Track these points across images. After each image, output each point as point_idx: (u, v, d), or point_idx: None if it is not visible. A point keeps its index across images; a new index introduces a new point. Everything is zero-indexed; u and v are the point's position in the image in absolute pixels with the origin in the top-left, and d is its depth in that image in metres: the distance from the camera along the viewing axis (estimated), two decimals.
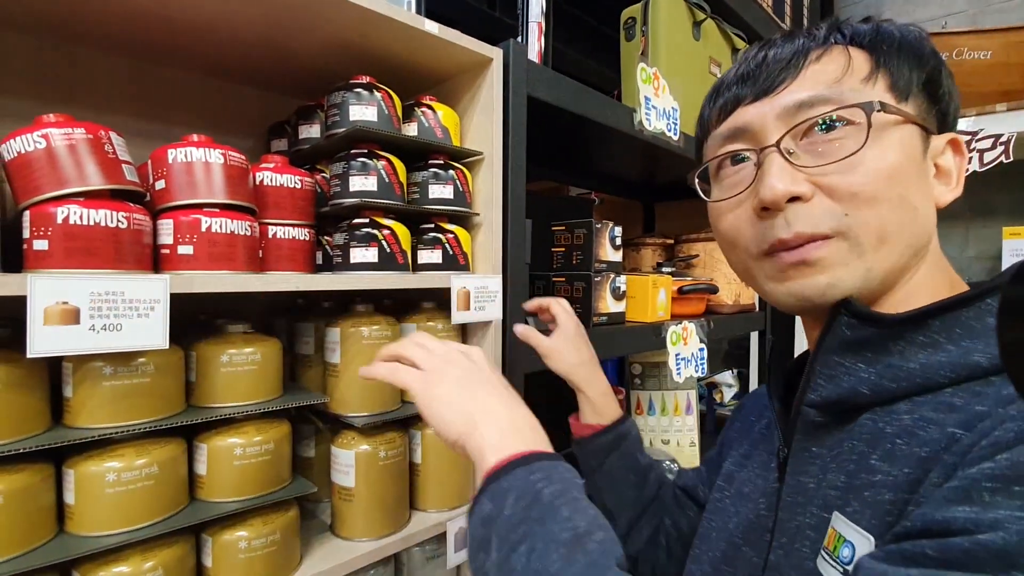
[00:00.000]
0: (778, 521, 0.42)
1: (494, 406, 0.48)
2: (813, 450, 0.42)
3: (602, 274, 1.13)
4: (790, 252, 0.42)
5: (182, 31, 0.75)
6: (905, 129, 0.41)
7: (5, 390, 0.51)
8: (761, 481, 0.48)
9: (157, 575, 0.56)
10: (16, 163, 0.54)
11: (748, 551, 0.45)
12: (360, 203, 0.73)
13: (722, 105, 0.49)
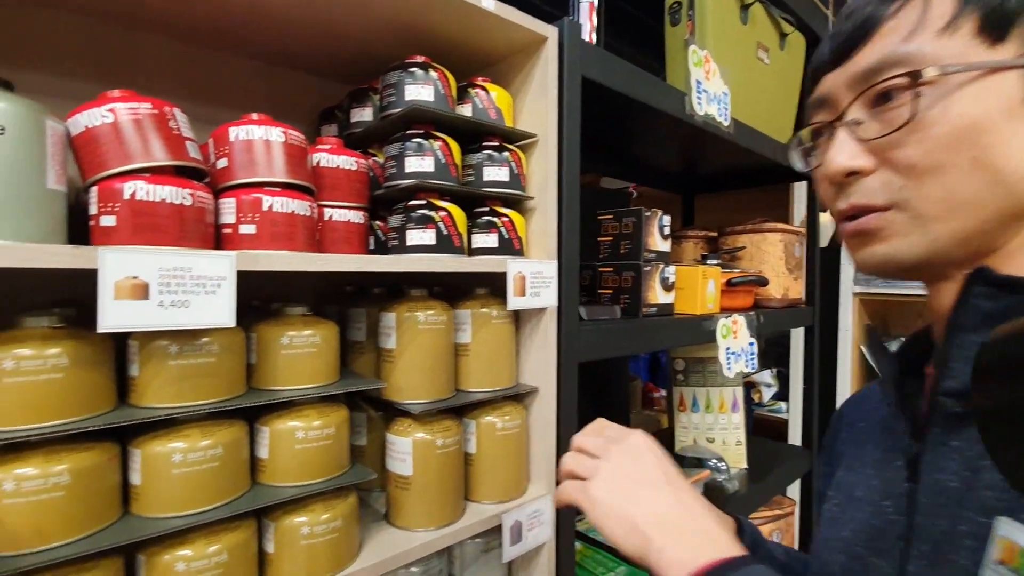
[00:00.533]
0: (915, 526, 0.38)
1: (662, 507, 0.42)
2: (953, 444, 0.37)
3: (651, 263, 1.09)
4: (849, 222, 0.41)
5: (237, 13, 0.75)
6: (988, 81, 0.36)
7: (74, 367, 0.50)
8: (879, 482, 0.43)
9: (222, 559, 0.54)
10: (83, 138, 0.53)
11: (877, 561, 0.40)
12: (417, 184, 0.71)
13: (812, 72, 0.46)
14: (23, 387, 0.47)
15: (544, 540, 0.83)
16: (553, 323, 0.83)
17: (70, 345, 0.50)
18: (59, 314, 0.52)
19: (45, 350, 0.49)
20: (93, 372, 0.52)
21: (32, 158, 0.48)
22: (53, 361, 0.49)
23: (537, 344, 0.85)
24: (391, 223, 0.74)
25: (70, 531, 0.49)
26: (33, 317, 0.51)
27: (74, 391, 0.50)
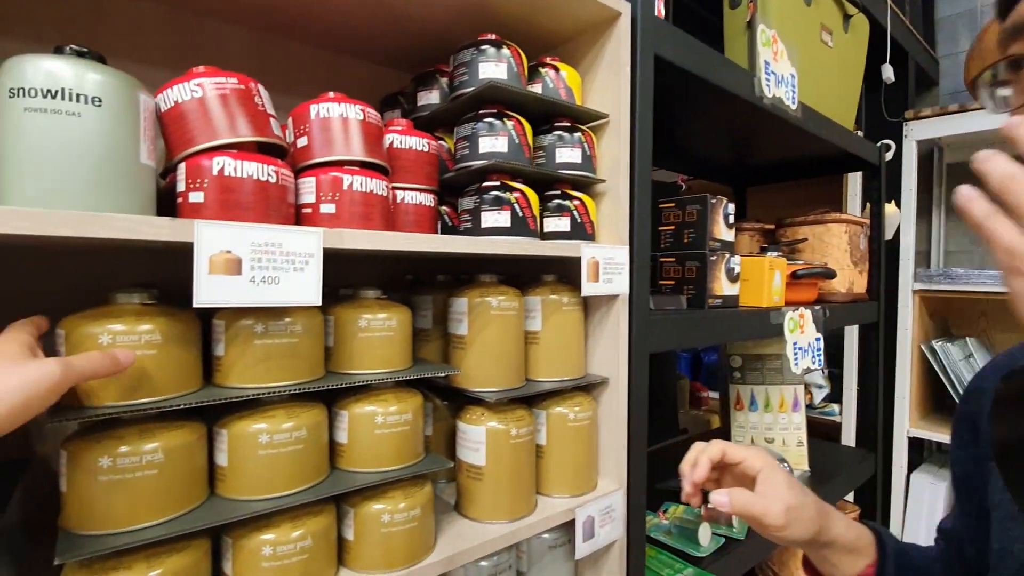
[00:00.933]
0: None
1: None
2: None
3: (717, 253, 1.05)
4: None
5: (309, 3, 0.74)
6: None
7: (166, 344, 0.49)
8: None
9: (306, 544, 0.53)
10: (172, 113, 0.53)
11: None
12: (492, 164, 0.69)
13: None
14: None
15: (616, 537, 0.80)
16: (624, 311, 0.80)
17: (162, 322, 0.49)
18: (150, 291, 0.51)
19: (138, 326, 0.48)
20: (183, 350, 0.51)
21: (127, 131, 0.47)
22: (147, 337, 0.48)
23: (607, 333, 0.82)
24: (463, 205, 0.72)
25: (164, 510, 0.48)
26: (124, 294, 0.50)
27: (166, 369, 0.50)
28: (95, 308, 0.49)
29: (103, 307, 0.49)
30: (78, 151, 0.44)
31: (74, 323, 0.47)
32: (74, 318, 0.47)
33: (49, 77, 0.44)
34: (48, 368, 0.38)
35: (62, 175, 0.44)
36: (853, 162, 1.58)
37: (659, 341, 0.85)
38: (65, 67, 0.44)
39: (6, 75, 0.44)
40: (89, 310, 0.48)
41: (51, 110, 0.44)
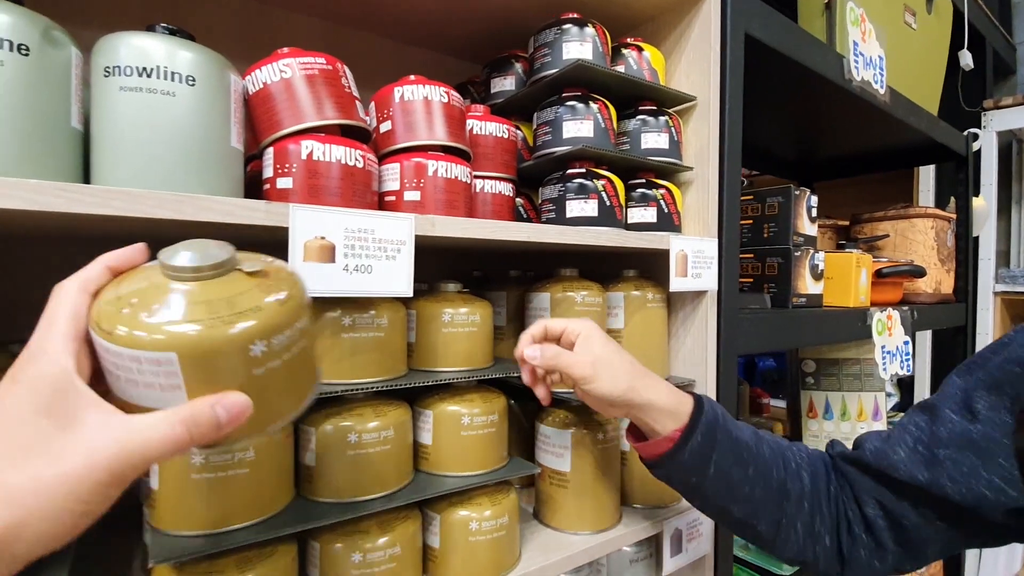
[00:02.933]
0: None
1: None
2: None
3: (801, 249, 0.98)
4: None
5: None
6: None
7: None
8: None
9: (395, 551, 0.50)
10: (260, 95, 0.51)
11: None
12: (578, 150, 0.65)
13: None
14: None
15: (704, 552, 0.74)
16: (713, 309, 0.74)
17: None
18: None
19: None
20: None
21: (219, 113, 0.45)
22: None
23: (693, 332, 0.76)
24: (545, 194, 0.68)
25: (253, 512, 0.45)
26: None
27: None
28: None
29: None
30: (172, 132, 0.42)
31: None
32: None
33: (142, 54, 0.42)
34: (167, 429, 0.24)
35: (156, 156, 0.42)
36: (935, 153, 1.47)
37: (747, 342, 0.79)
38: (158, 44, 0.42)
39: (100, 54, 0.42)
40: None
41: (146, 89, 0.42)
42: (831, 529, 0.51)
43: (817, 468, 0.54)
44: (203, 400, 0.25)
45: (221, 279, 0.27)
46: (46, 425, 0.23)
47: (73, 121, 0.41)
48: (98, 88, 0.42)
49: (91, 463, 0.22)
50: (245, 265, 0.28)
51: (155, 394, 0.25)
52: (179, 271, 0.26)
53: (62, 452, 0.22)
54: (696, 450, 0.51)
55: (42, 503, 0.22)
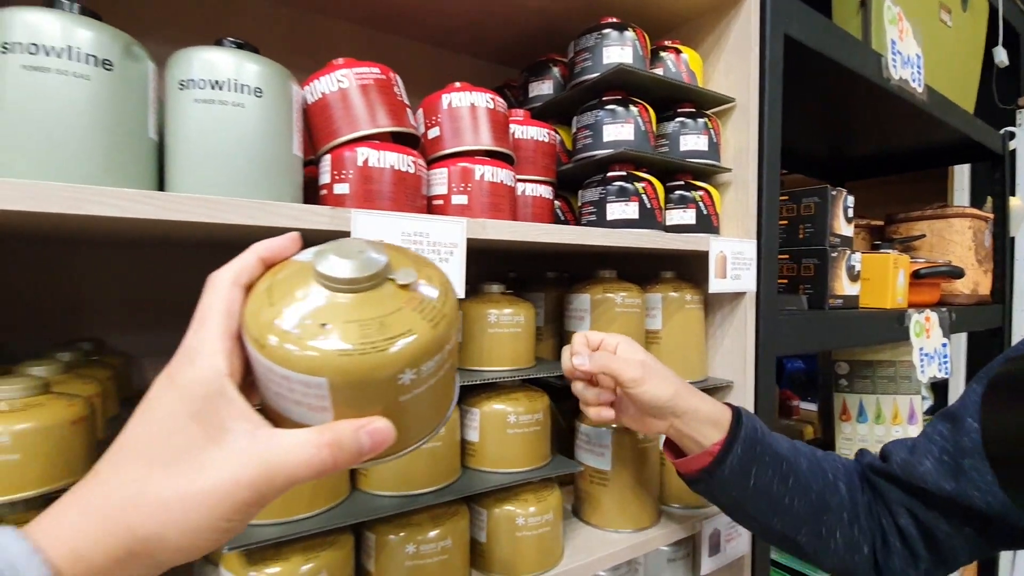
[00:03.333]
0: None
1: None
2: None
3: (838, 250, 0.97)
4: None
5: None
6: None
7: None
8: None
9: (446, 544, 0.51)
10: (318, 105, 0.53)
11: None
12: (620, 153, 0.66)
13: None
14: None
15: (742, 553, 0.74)
16: (751, 310, 0.74)
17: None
18: None
19: None
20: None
21: (283, 122, 0.47)
22: None
23: (731, 333, 0.76)
24: (585, 197, 0.69)
25: (316, 504, 0.47)
26: None
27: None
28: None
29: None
30: (241, 141, 0.44)
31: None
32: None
33: (213, 68, 0.44)
34: (313, 451, 0.24)
35: (226, 164, 0.44)
36: (971, 151, 1.44)
37: (785, 343, 0.79)
38: (227, 58, 0.45)
39: (175, 67, 0.44)
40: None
41: (217, 101, 0.44)
42: (868, 539, 0.51)
43: (852, 479, 0.54)
44: (349, 424, 0.24)
45: (375, 291, 0.26)
46: (196, 432, 0.23)
47: (150, 131, 0.44)
48: (173, 100, 0.44)
49: (236, 480, 0.22)
50: (399, 275, 0.26)
51: (302, 410, 0.25)
52: (333, 282, 0.25)
53: (210, 465, 0.22)
54: (736, 465, 0.50)
55: (187, 516, 0.22)
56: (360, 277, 0.25)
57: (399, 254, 0.29)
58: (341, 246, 0.27)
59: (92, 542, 0.21)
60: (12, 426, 0.37)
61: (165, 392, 0.24)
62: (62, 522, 0.22)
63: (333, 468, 0.24)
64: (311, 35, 0.80)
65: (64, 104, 0.38)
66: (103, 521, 0.22)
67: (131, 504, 0.22)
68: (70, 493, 0.23)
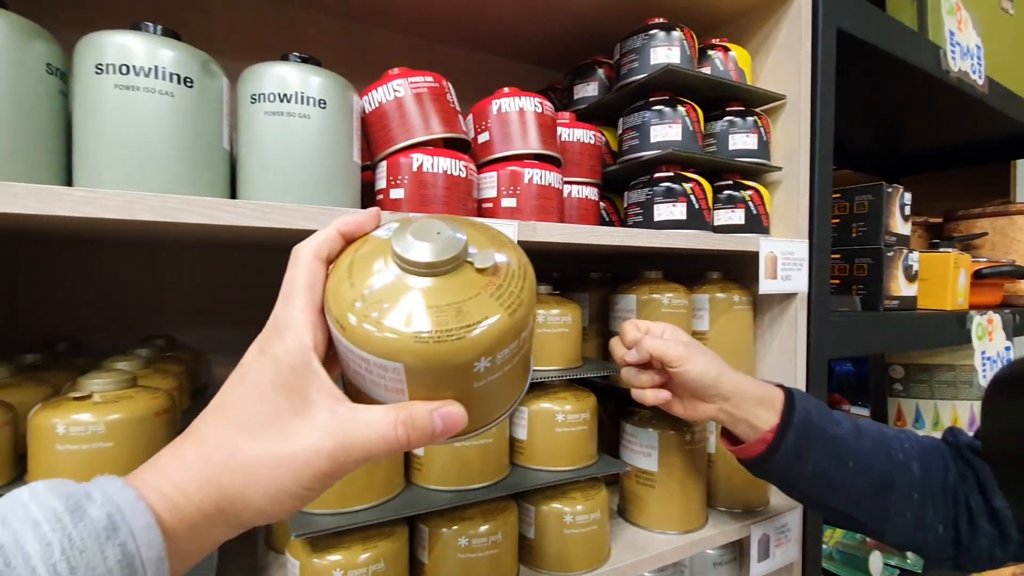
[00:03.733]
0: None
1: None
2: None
3: (894, 249, 0.93)
4: None
5: (466, 4, 0.75)
6: None
7: None
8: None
9: (496, 538, 0.53)
10: (376, 114, 0.55)
11: None
12: (667, 154, 0.65)
13: None
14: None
15: (792, 559, 0.73)
16: (803, 312, 0.73)
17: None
18: None
19: None
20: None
21: (345, 131, 0.49)
22: None
23: (780, 335, 0.75)
24: (631, 198, 0.69)
25: (372, 496, 0.49)
26: None
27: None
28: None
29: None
30: (307, 150, 0.47)
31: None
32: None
33: (281, 82, 0.47)
34: (388, 429, 0.24)
35: (294, 173, 0.47)
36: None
37: (838, 346, 0.77)
38: (294, 72, 0.47)
39: (247, 82, 0.47)
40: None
41: (285, 113, 0.46)
42: (945, 518, 0.51)
43: (931, 459, 0.54)
44: (424, 406, 0.25)
45: (453, 274, 0.25)
46: (282, 403, 0.24)
47: (224, 143, 0.47)
48: (245, 113, 0.47)
49: (317, 451, 0.23)
50: (477, 258, 0.26)
51: (379, 389, 0.26)
52: (412, 265, 0.25)
53: (295, 434, 0.24)
54: (791, 450, 0.51)
55: (271, 479, 0.23)
56: (438, 261, 0.25)
57: (478, 233, 0.29)
58: (420, 226, 0.26)
59: (188, 497, 0.23)
60: (106, 416, 0.41)
61: (256, 362, 0.25)
62: (162, 475, 0.24)
63: (406, 446, 0.25)
64: (365, 45, 0.83)
65: (151, 119, 0.42)
66: (199, 479, 0.23)
67: (223, 465, 0.24)
68: (170, 448, 0.25)
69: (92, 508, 0.21)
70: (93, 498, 0.21)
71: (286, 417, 0.24)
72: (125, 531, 0.21)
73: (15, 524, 0.20)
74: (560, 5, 0.76)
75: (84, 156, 0.41)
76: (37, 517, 0.20)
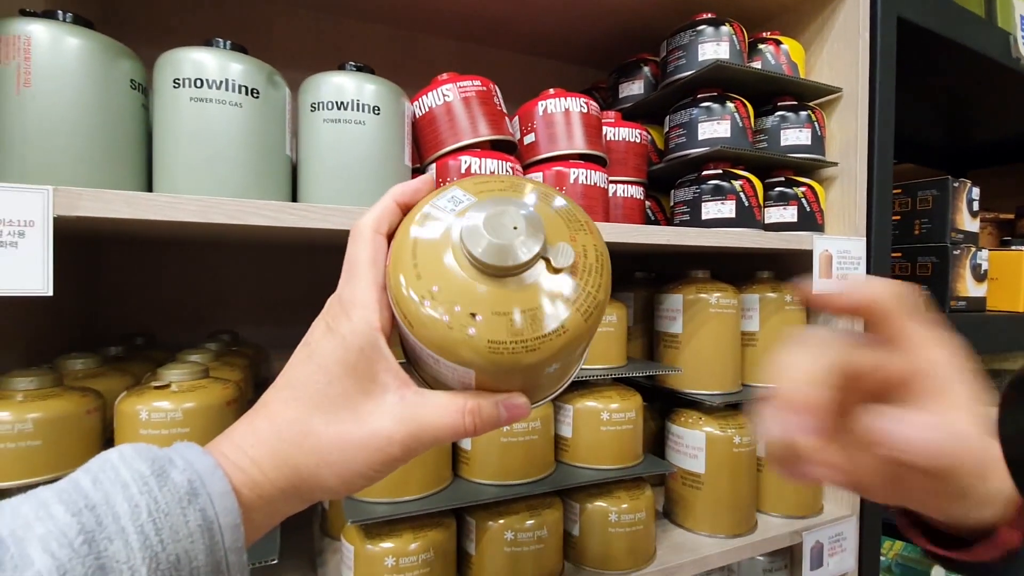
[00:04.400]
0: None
1: None
2: None
3: (960, 247, 0.88)
4: None
5: (509, 5, 0.76)
6: None
7: None
8: None
9: (542, 534, 0.53)
10: (426, 118, 0.57)
11: None
12: (714, 151, 0.65)
13: None
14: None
15: (847, 570, 0.70)
16: None
17: None
18: None
19: None
20: None
21: (397, 136, 0.51)
22: None
23: None
24: (678, 196, 0.69)
25: (422, 487, 0.51)
26: None
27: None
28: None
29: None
30: (362, 155, 0.49)
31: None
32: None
33: (338, 90, 0.49)
34: (457, 417, 0.25)
35: (350, 176, 0.49)
36: None
37: None
38: (350, 81, 0.50)
39: (306, 92, 0.50)
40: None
41: (343, 120, 0.49)
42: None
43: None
44: (491, 397, 0.25)
45: (527, 274, 0.24)
46: (351, 384, 0.24)
47: (287, 149, 0.49)
48: (305, 121, 0.50)
49: (390, 437, 0.24)
50: (555, 256, 0.24)
51: (445, 377, 0.26)
52: (484, 266, 0.23)
53: (367, 417, 0.24)
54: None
55: (344, 461, 0.24)
56: (514, 265, 0.23)
57: (555, 216, 0.26)
58: (494, 218, 0.23)
59: (263, 471, 0.24)
60: (183, 404, 0.44)
61: (324, 340, 0.25)
62: (239, 448, 0.24)
63: (472, 434, 0.25)
64: (415, 50, 0.86)
65: (222, 129, 0.45)
66: (273, 455, 0.24)
67: (297, 444, 0.24)
68: (244, 421, 0.25)
69: (175, 473, 0.22)
70: (175, 463, 0.22)
71: (356, 399, 0.24)
72: (204, 497, 0.22)
73: (106, 484, 0.21)
74: (605, 4, 0.76)
75: (163, 164, 0.45)
76: (126, 478, 0.21)
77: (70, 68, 0.41)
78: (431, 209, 0.26)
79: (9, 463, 0.40)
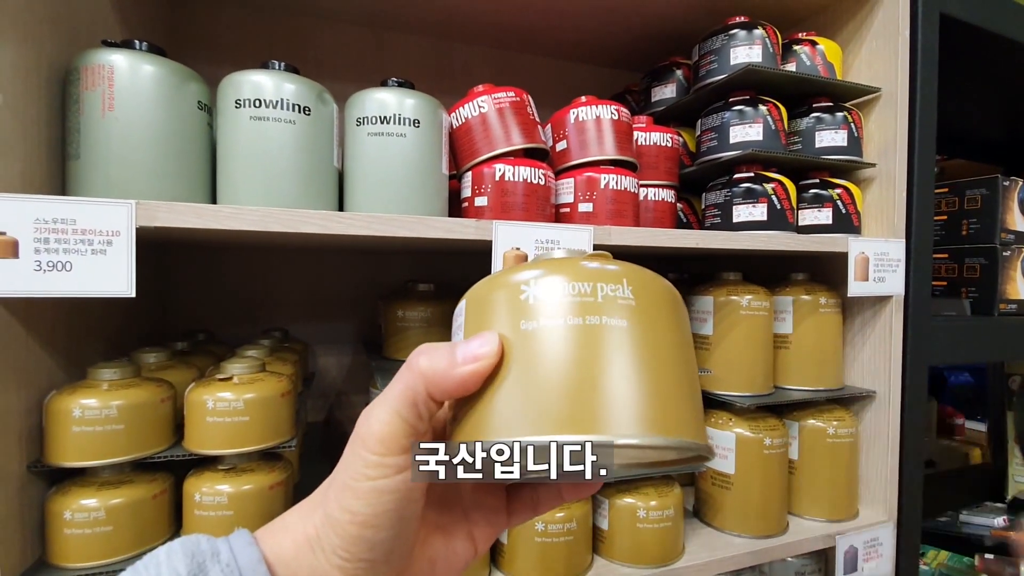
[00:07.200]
0: None
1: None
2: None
3: (1011, 248, 0.85)
4: None
5: (543, 14, 0.78)
6: None
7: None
8: None
9: (572, 526, 0.56)
10: (462, 129, 0.60)
11: None
12: (746, 154, 0.65)
13: None
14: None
15: (883, 575, 0.69)
16: (898, 316, 0.69)
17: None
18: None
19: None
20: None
21: (435, 147, 0.54)
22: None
23: (872, 340, 0.71)
24: (710, 199, 0.69)
25: None
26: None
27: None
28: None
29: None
30: (404, 165, 0.52)
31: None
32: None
33: (382, 105, 0.52)
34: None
35: (392, 186, 0.52)
36: None
37: (940, 352, 0.72)
38: (392, 96, 0.53)
39: (352, 107, 0.54)
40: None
41: (385, 133, 0.52)
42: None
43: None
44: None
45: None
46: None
47: (335, 161, 0.53)
48: (351, 135, 0.53)
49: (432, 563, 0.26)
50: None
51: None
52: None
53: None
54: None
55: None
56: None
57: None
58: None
59: (302, 567, 0.24)
60: (244, 395, 0.49)
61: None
62: (283, 544, 0.24)
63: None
64: (451, 59, 0.89)
65: (277, 145, 0.49)
66: (311, 554, 0.24)
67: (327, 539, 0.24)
68: (293, 515, 0.26)
69: (214, 570, 0.22)
70: (220, 558, 0.23)
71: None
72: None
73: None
74: (639, 8, 0.77)
75: (225, 177, 0.49)
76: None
77: (147, 93, 0.46)
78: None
79: (96, 444, 0.46)
